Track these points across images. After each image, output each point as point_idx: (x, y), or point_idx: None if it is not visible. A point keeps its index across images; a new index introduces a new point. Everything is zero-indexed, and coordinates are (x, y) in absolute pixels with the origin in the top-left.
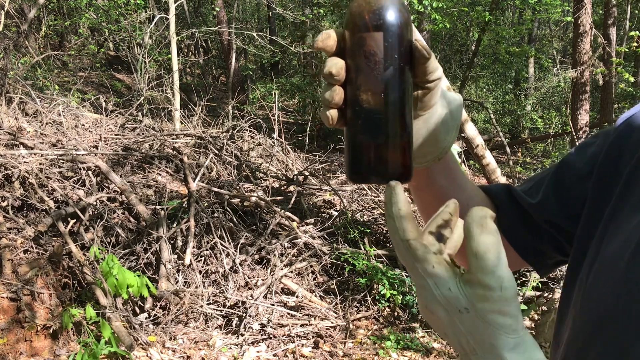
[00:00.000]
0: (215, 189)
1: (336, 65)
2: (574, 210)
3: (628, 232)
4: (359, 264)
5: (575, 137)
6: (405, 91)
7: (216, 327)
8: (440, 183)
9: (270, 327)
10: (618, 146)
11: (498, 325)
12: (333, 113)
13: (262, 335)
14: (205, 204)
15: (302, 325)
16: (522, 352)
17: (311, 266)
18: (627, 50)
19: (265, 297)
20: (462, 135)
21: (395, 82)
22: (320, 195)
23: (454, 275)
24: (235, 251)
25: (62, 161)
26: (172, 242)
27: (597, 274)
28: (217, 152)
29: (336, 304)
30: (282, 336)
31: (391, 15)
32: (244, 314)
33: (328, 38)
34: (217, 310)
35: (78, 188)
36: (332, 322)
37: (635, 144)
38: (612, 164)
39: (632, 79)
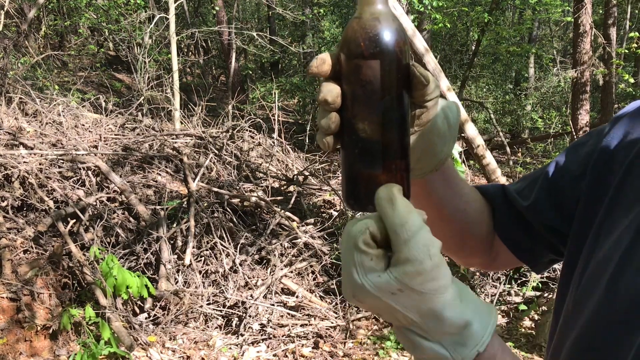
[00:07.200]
0: (215, 189)
1: (331, 93)
2: (568, 211)
3: (619, 233)
4: None
5: (575, 137)
6: (403, 117)
7: (216, 327)
8: (437, 192)
9: (270, 327)
10: (611, 146)
11: (434, 290)
12: (329, 140)
13: (262, 335)
14: (205, 204)
15: (302, 326)
16: (457, 303)
17: (311, 266)
18: (626, 51)
19: (265, 297)
20: (463, 135)
21: (393, 110)
22: (320, 195)
23: (383, 263)
24: (235, 251)
25: (62, 161)
26: (172, 242)
27: (590, 276)
28: (217, 152)
29: (336, 304)
30: (282, 336)
31: (388, 42)
32: (244, 314)
33: (323, 63)
34: (217, 310)
35: (78, 188)
36: (332, 322)
37: (628, 144)
38: (605, 164)
39: (632, 80)
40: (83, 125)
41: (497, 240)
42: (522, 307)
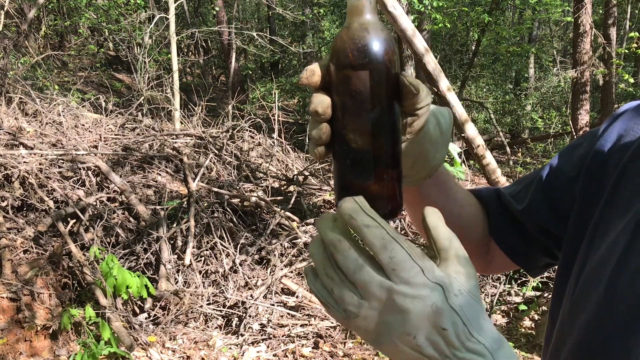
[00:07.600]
0: (215, 189)
1: (322, 104)
2: (563, 212)
3: (615, 235)
4: None
5: (575, 137)
6: (394, 127)
7: (216, 327)
8: (431, 197)
9: (270, 327)
10: (605, 148)
11: (476, 296)
12: (321, 150)
13: (262, 335)
14: (205, 204)
15: (302, 326)
16: (485, 315)
17: None
18: (626, 51)
19: (265, 297)
20: (463, 135)
21: (383, 120)
22: (320, 195)
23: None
24: (235, 251)
25: (62, 161)
26: (172, 242)
27: (587, 278)
28: (217, 152)
29: None
30: (282, 336)
31: (377, 53)
32: (244, 314)
33: (312, 75)
34: (217, 310)
35: (78, 188)
36: (332, 322)
37: (622, 146)
38: (599, 167)
39: (631, 80)
40: (83, 125)
41: (493, 243)
42: (522, 307)
